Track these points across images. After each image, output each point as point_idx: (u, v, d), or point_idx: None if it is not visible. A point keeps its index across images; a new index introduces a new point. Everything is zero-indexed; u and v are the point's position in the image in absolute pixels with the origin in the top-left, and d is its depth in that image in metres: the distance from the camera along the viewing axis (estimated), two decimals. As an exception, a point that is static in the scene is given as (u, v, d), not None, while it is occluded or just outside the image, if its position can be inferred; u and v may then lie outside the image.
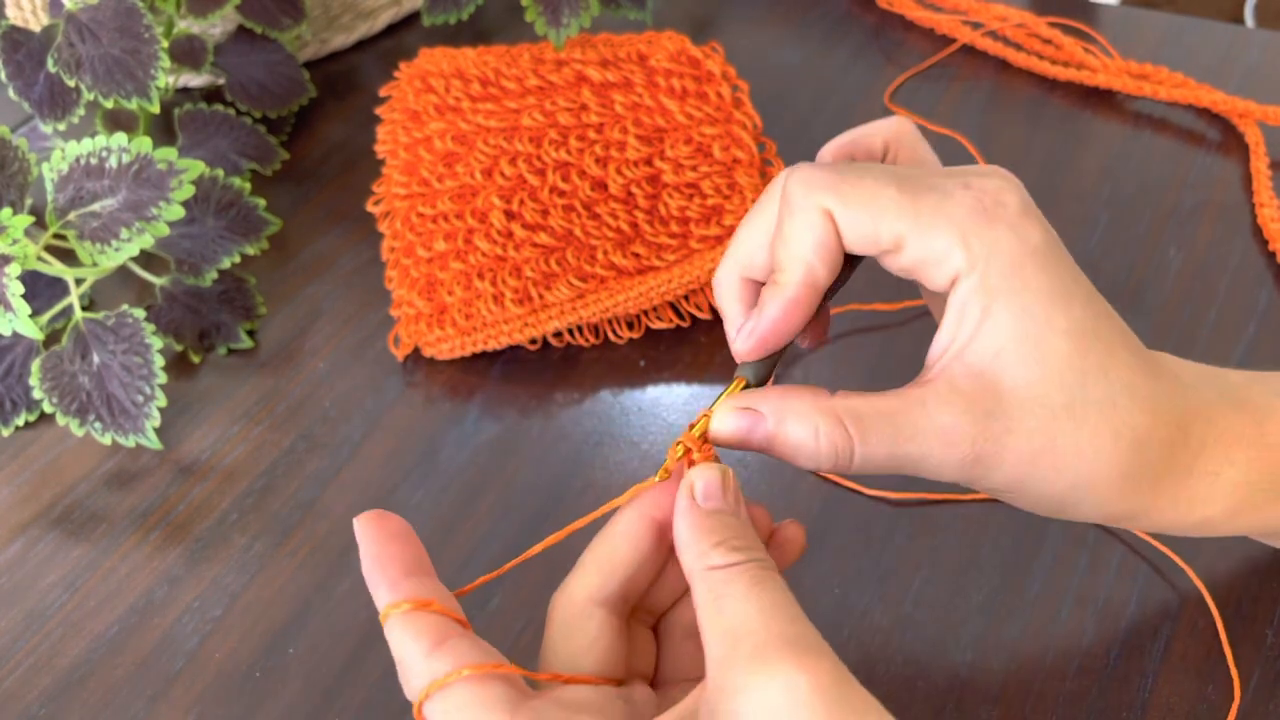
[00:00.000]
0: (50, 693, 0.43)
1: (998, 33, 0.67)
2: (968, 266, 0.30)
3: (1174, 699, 0.39)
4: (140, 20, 0.52)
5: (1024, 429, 0.30)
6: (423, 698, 0.29)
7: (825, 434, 0.31)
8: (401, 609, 0.30)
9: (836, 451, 0.31)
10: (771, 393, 0.32)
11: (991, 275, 0.30)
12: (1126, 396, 0.31)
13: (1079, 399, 0.30)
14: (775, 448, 0.32)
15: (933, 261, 0.30)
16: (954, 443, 0.30)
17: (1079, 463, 0.31)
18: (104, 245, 0.48)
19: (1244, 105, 0.60)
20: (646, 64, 0.58)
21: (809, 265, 0.31)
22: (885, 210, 0.30)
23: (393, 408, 0.52)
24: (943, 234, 0.30)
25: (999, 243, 0.30)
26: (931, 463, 0.31)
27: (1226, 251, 0.54)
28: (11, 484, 0.50)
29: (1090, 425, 0.30)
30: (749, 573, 0.28)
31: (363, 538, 0.32)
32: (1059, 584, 0.43)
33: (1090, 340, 0.31)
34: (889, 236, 0.31)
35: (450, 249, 0.53)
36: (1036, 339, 0.30)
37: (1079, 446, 0.30)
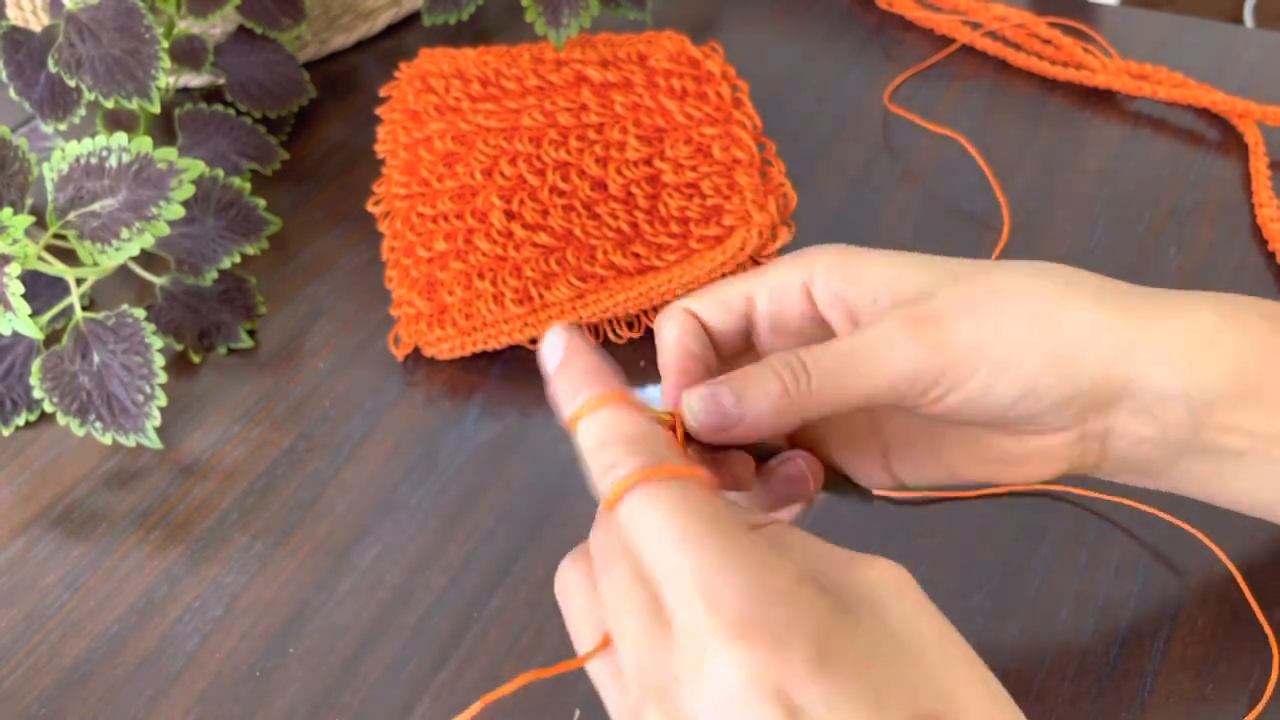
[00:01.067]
0: (50, 693, 0.43)
1: (997, 33, 0.67)
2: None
3: (1174, 699, 0.39)
4: (140, 20, 0.52)
5: (950, 293, 0.33)
6: (650, 473, 0.27)
7: (780, 360, 0.32)
8: (615, 401, 0.29)
9: (793, 370, 0.32)
10: (724, 376, 0.33)
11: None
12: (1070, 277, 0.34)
13: (1010, 277, 0.33)
14: (746, 403, 0.32)
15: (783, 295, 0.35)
16: (893, 330, 0.32)
17: (1022, 301, 0.33)
18: (104, 245, 0.48)
19: (1244, 105, 0.60)
20: (646, 64, 0.58)
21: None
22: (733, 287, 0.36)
23: (393, 408, 0.52)
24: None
25: None
26: (886, 369, 0.32)
27: (1226, 251, 0.54)
28: (11, 484, 0.50)
29: (1038, 283, 0.33)
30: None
31: (565, 351, 0.31)
32: (1059, 584, 0.43)
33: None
34: (738, 297, 0.35)
35: (450, 249, 0.53)
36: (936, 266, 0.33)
37: (1019, 286, 0.33)
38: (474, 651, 0.43)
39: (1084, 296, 0.33)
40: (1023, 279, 0.33)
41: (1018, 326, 0.32)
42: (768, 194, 0.53)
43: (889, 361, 0.32)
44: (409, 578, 0.45)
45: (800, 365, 0.32)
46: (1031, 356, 0.32)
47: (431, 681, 0.42)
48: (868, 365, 0.32)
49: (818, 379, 0.32)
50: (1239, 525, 0.43)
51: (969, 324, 0.32)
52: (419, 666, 0.42)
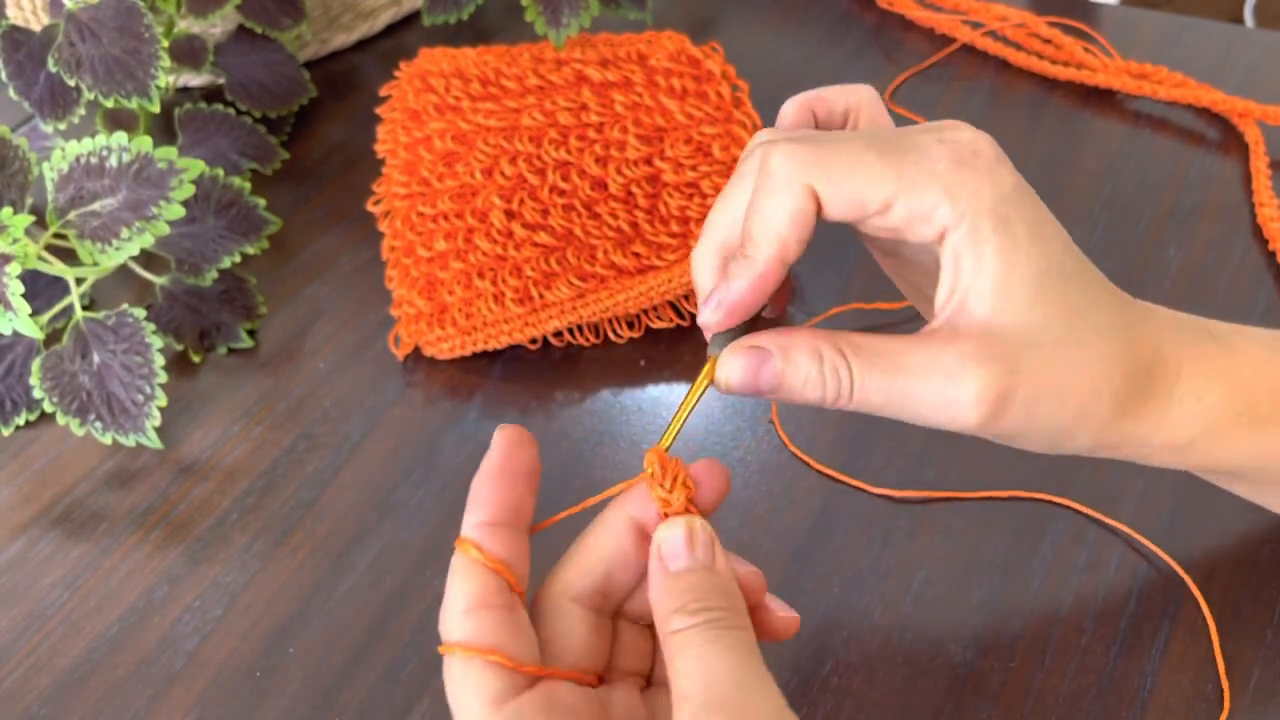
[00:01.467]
0: (50, 692, 0.43)
1: (998, 32, 0.67)
2: (955, 218, 0.31)
3: (1174, 699, 0.39)
4: (140, 20, 0.52)
5: (1028, 367, 0.31)
6: (441, 649, 0.30)
7: (829, 360, 0.31)
8: (466, 552, 0.31)
9: (839, 379, 0.31)
10: (769, 332, 0.32)
11: (979, 224, 0.31)
12: (1111, 327, 0.32)
13: (1073, 333, 0.32)
14: (784, 383, 0.32)
15: (920, 217, 0.31)
16: (959, 382, 0.31)
17: (1078, 388, 0.32)
18: (104, 244, 0.48)
19: (1244, 105, 0.60)
20: (646, 64, 0.58)
21: (783, 240, 0.32)
22: (869, 176, 0.31)
23: (393, 407, 0.52)
24: (928, 189, 0.31)
25: (980, 190, 0.31)
26: (932, 402, 0.31)
27: (1226, 251, 0.54)
28: (12, 484, 0.50)
29: (1085, 354, 0.32)
30: (701, 635, 0.29)
31: (492, 452, 0.33)
32: (1059, 584, 0.43)
33: (1073, 279, 0.32)
34: (876, 200, 0.31)
35: (450, 248, 0.53)
36: (1028, 281, 0.31)
37: (1077, 373, 0.32)
38: (474, 651, 0.43)
39: (1116, 378, 0.32)
40: (1097, 373, 0.32)
41: (1069, 426, 0.32)
42: (768, 194, 0.53)
43: (940, 415, 0.32)
44: (409, 578, 0.45)
45: (849, 386, 0.31)
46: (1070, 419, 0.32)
47: (432, 681, 0.42)
48: (914, 407, 0.32)
49: (860, 394, 0.32)
50: (1240, 525, 0.44)
51: (1029, 403, 0.32)
52: (419, 666, 0.42)
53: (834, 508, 0.46)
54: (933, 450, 0.47)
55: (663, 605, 0.30)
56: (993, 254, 0.31)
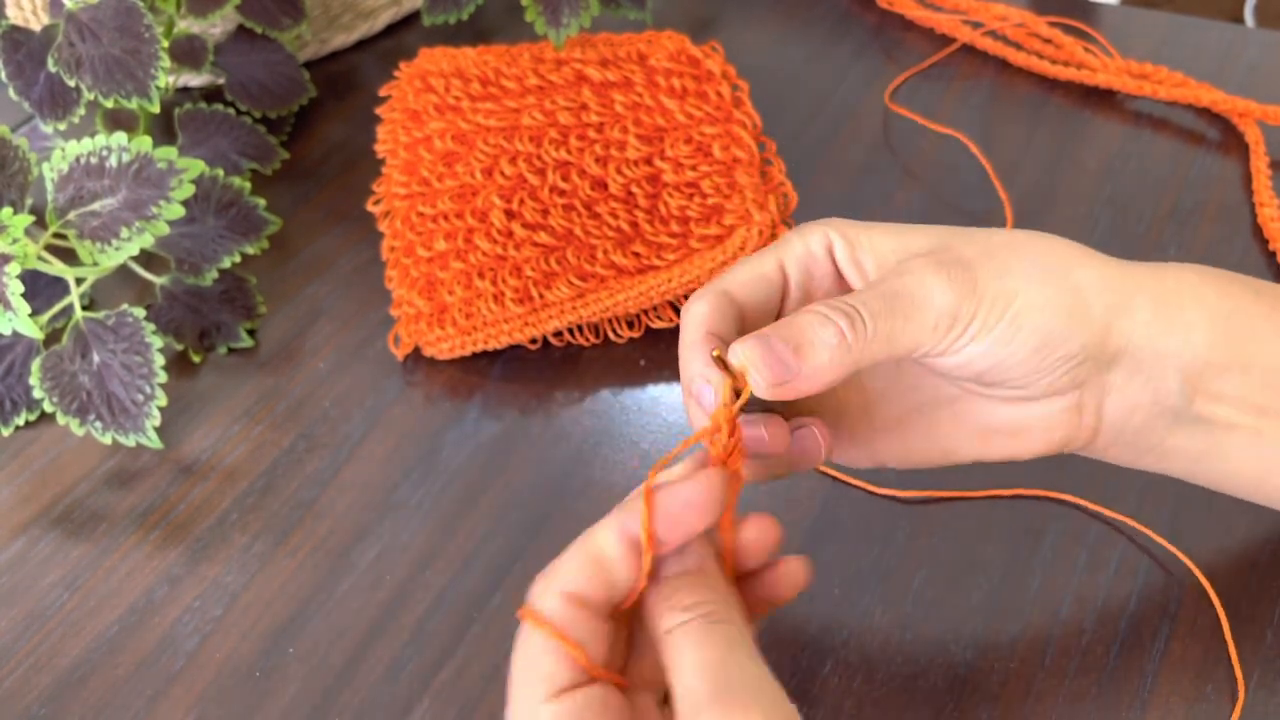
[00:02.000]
0: (50, 692, 0.43)
1: (998, 32, 0.67)
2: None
3: (1174, 698, 0.39)
4: (140, 20, 0.52)
5: (979, 264, 0.33)
6: (526, 615, 0.30)
7: (830, 308, 0.32)
8: (601, 547, 0.31)
9: (848, 315, 0.32)
10: (772, 325, 0.33)
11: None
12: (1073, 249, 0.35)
13: (1015, 238, 0.34)
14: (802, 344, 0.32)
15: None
16: (935, 281, 0.33)
17: (1044, 270, 0.33)
18: (104, 244, 0.48)
19: (1244, 105, 0.60)
20: (646, 63, 0.58)
21: None
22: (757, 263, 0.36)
23: (393, 407, 0.52)
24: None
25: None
26: (930, 308, 0.32)
27: (1226, 251, 0.54)
28: (11, 484, 0.50)
29: (1037, 247, 0.34)
30: (694, 630, 0.29)
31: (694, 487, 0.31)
32: (1059, 583, 0.43)
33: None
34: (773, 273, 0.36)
35: (450, 248, 0.53)
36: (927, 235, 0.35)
37: (1036, 261, 0.34)
38: (474, 651, 0.43)
39: (1086, 256, 0.34)
40: (1031, 238, 0.35)
41: (1036, 277, 0.33)
42: (768, 193, 0.53)
43: (930, 300, 0.32)
44: (409, 578, 0.45)
45: (852, 309, 0.32)
46: (1049, 306, 0.33)
47: (431, 681, 0.42)
48: (911, 305, 0.32)
49: (870, 321, 0.32)
50: (1239, 531, 0.44)
51: (995, 270, 0.33)
52: (419, 666, 0.42)
53: (834, 508, 0.46)
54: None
55: (655, 608, 0.30)
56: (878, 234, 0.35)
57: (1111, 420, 0.35)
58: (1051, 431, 0.35)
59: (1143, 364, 0.34)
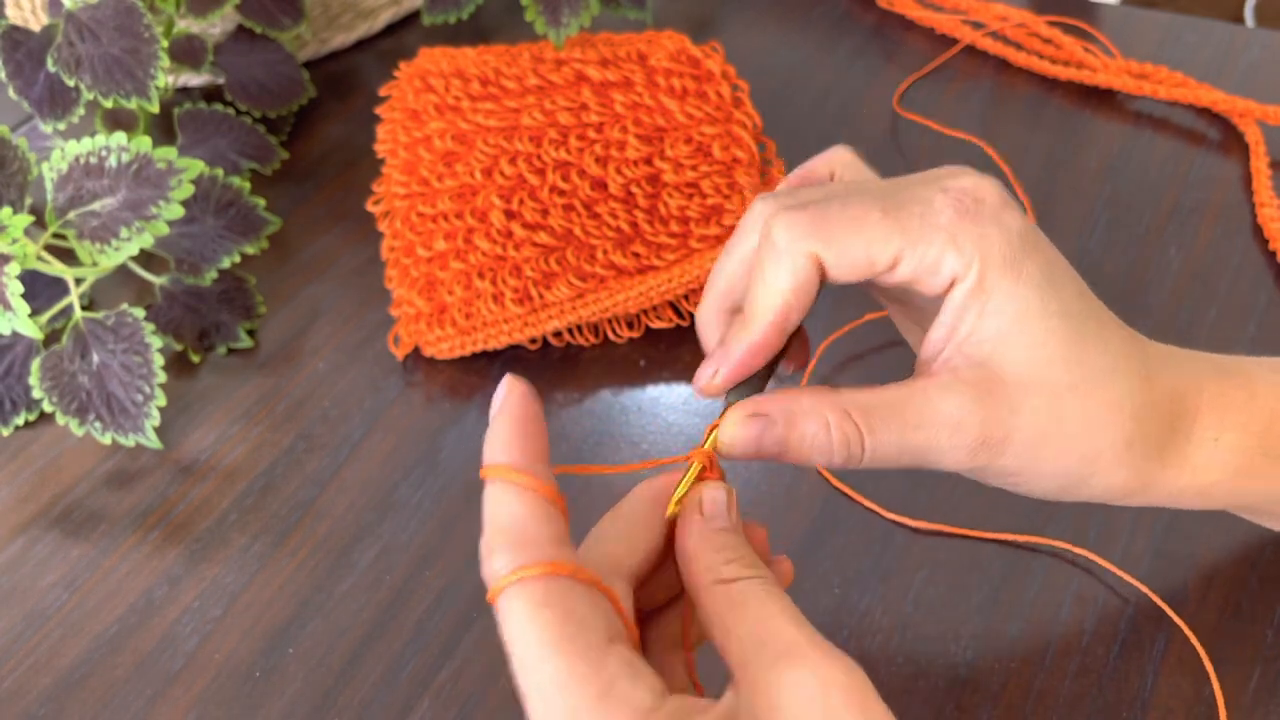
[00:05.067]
0: (50, 693, 0.43)
1: (998, 32, 0.67)
2: (963, 268, 0.31)
3: (1174, 699, 0.39)
4: (140, 20, 0.52)
5: (1029, 408, 0.31)
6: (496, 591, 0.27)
7: (836, 426, 0.31)
8: (512, 479, 0.29)
9: (849, 444, 0.31)
10: (774, 396, 0.32)
11: (986, 272, 0.31)
12: (1123, 370, 0.32)
13: (1080, 375, 0.31)
14: (789, 450, 0.31)
15: (928, 270, 0.31)
16: (962, 428, 0.31)
17: (1085, 435, 0.31)
18: (104, 244, 0.48)
19: (1244, 105, 0.60)
20: (646, 63, 0.58)
21: (784, 309, 0.32)
22: (874, 236, 0.31)
23: (393, 407, 0.52)
24: (934, 243, 0.30)
25: (987, 239, 0.31)
26: (940, 451, 0.31)
27: (1226, 251, 0.54)
28: (11, 484, 0.50)
29: (1093, 398, 0.31)
30: (761, 586, 0.29)
31: (508, 399, 0.30)
32: (1059, 584, 0.43)
33: (1082, 320, 0.32)
34: (883, 260, 0.31)
35: (450, 248, 0.53)
36: (1033, 323, 0.31)
37: (1085, 419, 0.31)
38: (474, 651, 0.43)
39: (1126, 424, 0.32)
40: (1107, 422, 0.32)
41: (1073, 436, 0.32)
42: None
43: (943, 460, 0.32)
44: (409, 578, 0.45)
45: (859, 446, 0.31)
46: (1077, 465, 0.32)
47: (431, 681, 0.42)
48: (923, 456, 0.32)
49: (871, 449, 0.31)
50: (1239, 533, 0.44)
51: (1034, 409, 0.31)
52: (419, 666, 0.42)
53: (835, 508, 0.46)
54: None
55: (706, 556, 0.29)
56: (997, 300, 0.31)
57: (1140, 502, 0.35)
58: None
59: (1172, 495, 0.34)
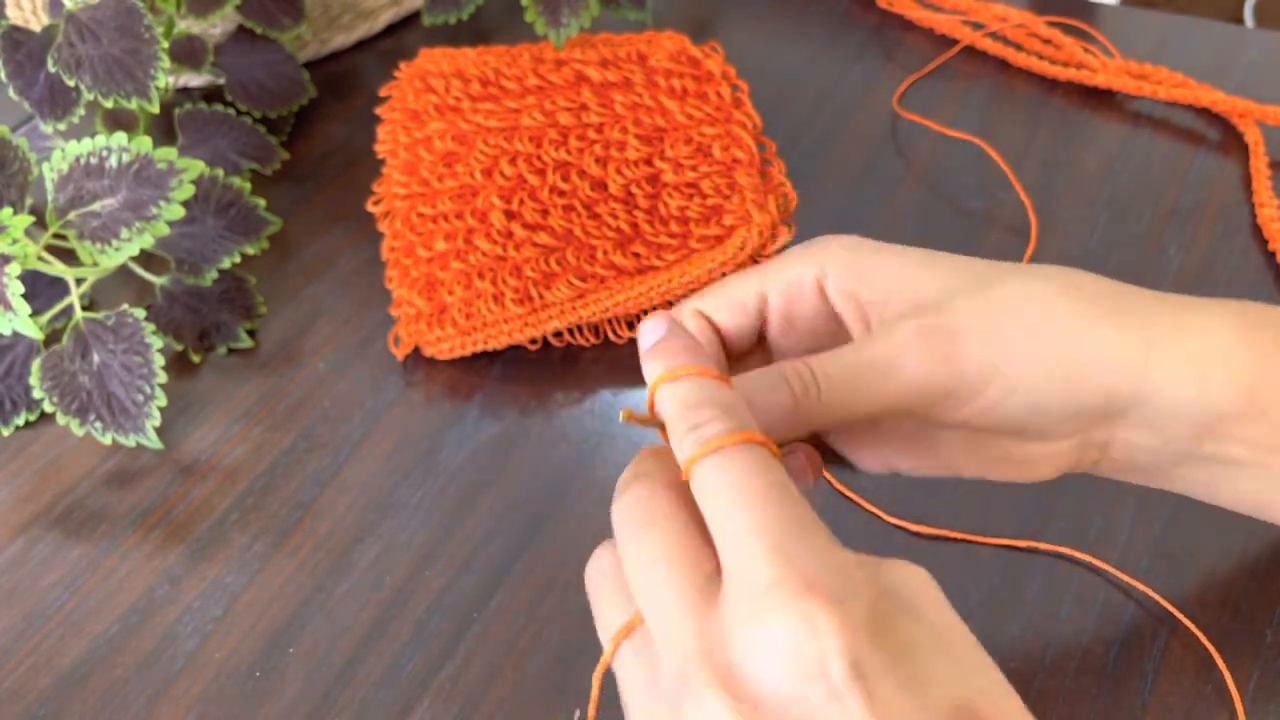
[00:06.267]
0: (50, 692, 0.43)
1: (998, 33, 0.67)
2: (820, 268, 0.35)
3: (1174, 699, 0.39)
4: (140, 20, 0.52)
5: (960, 307, 0.32)
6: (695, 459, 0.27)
7: (792, 374, 0.32)
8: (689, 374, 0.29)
9: (804, 383, 0.32)
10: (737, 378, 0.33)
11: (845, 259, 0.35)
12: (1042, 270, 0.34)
13: (994, 272, 0.33)
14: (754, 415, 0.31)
15: (796, 289, 0.35)
16: (904, 347, 0.32)
17: (1031, 308, 0.32)
18: (104, 245, 0.48)
19: (1244, 105, 0.60)
20: (646, 64, 0.58)
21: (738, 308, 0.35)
22: (739, 283, 0.36)
23: (393, 407, 0.52)
24: (786, 265, 0.35)
25: (826, 246, 0.35)
26: (898, 382, 0.32)
27: (1226, 251, 0.54)
28: (11, 484, 0.50)
29: (1020, 281, 0.33)
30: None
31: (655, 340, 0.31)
32: (1058, 584, 0.43)
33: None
34: (750, 300, 0.35)
35: (450, 249, 0.53)
36: (922, 265, 0.34)
37: (1021, 296, 0.33)
38: (474, 651, 0.43)
39: (1099, 311, 0.33)
40: (1038, 291, 0.33)
41: (1032, 344, 0.32)
42: (768, 194, 0.53)
43: (900, 375, 0.32)
44: (409, 578, 0.45)
45: (811, 377, 0.32)
46: (1044, 375, 0.32)
47: (431, 681, 0.42)
48: (879, 378, 0.32)
49: (827, 391, 0.32)
50: (1239, 533, 0.44)
51: (983, 339, 0.32)
52: (419, 666, 0.42)
53: (833, 509, 0.46)
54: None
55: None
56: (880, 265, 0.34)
57: (1116, 458, 0.35)
58: (1054, 463, 0.35)
59: (1151, 419, 0.33)
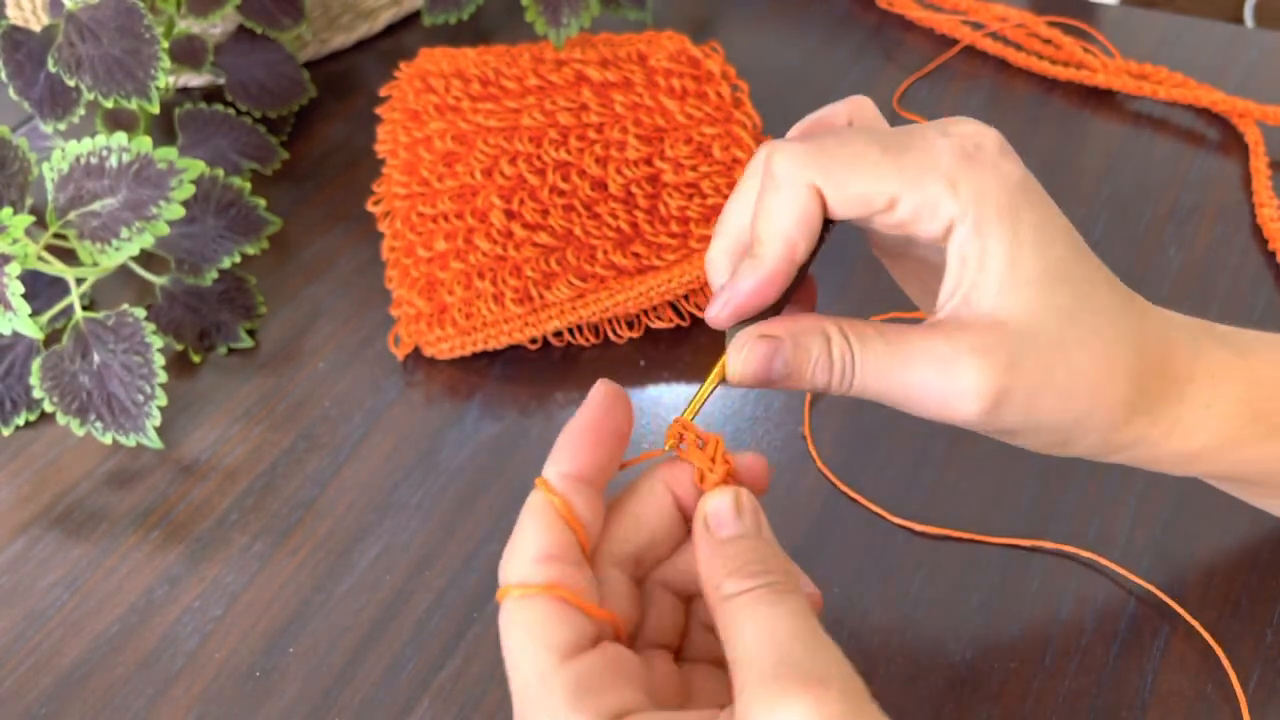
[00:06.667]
0: (50, 692, 0.43)
1: (998, 33, 0.67)
2: (960, 212, 0.31)
3: (1174, 698, 0.39)
4: (140, 20, 0.52)
5: (1028, 361, 0.31)
6: (501, 594, 0.30)
7: (836, 343, 0.31)
8: (549, 498, 0.31)
9: (843, 363, 0.31)
10: (777, 319, 0.32)
11: (983, 218, 0.31)
12: (1119, 328, 0.32)
13: (1077, 331, 0.31)
14: (794, 372, 0.32)
15: (926, 213, 0.31)
16: (955, 375, 0.31)
17: (1081, 390, 0.32)
18: (104, 245, 0.48)
19: (1244, 105, 0.60)
20: (646, 64, 0.58)
21: (789, 239, 0.32)
22: (873, 172, 0.31)
23: (393, 407, 0.52)
24: (932, 184, 0.30)
25: (984, 183, 0.31)
26: (927, 392, 0.31)
27: (1226, 251, 0.54)
28: (12, 484, 0.50)
29: (1089, 354, 0.31)
30: (761, 599, 0.28)
31: (588, 406, 0.32)
32: (1058, 583, 0.43)
33: (1080, 276, 0.32)
34: (880, 197, 0.31)
35: (450, 248, 0.53)
36: (1033, 276, 0.31)
37: (1080, 374, 0.31)
38: (474, 651, 0.43)
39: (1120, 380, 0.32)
40: (1102, 369, 0.32)
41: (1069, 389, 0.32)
42: (768, 194, 0.53)
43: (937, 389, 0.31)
44: (409, 578, 0.45)
45: (851, 360, 0.32)
46: (1072, 419, 0.32)
47: (431, 681, 0.42)
48: (917, 380, 0.31)
49: (860, 380, 0.32)
50: (1240, 529, 0.44)
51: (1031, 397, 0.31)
52: (419, 666, 0.42)
53: (834, 509, 0.46)
54: (931, 450, 0.47)
55: (714, 571, 0.29)
56: (998, 248, 0.31)
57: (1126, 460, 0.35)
58: None
59: (1156, 458, 0.34)
